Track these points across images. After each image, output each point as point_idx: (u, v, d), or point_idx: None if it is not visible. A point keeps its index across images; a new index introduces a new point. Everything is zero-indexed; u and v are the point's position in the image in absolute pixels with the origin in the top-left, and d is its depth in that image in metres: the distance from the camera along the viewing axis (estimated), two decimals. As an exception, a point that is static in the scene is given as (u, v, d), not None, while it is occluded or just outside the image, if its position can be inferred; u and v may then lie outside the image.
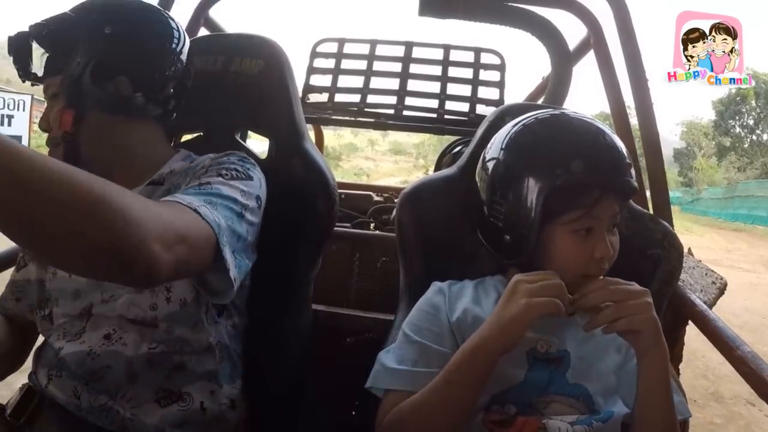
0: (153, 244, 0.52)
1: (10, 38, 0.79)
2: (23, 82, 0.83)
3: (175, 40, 0.85)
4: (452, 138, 1.98)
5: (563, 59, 1.53)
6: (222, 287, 0.69)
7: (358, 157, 48.96)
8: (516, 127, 0.78)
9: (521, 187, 0.72)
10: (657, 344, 0.66)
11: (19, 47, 0.79)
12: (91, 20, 0.78)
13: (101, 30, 0.78)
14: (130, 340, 0.76)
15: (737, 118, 30.24)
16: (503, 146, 0.77)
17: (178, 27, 0.87)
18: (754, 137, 30.23)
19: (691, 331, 0.98)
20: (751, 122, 30.20)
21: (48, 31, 0.78)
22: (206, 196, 0.67)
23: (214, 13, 1.52)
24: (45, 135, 0.81)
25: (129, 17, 0.81)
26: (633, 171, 0.72)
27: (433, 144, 36.58)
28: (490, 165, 0.78)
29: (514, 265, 0.78)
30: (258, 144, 1.03)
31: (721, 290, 1.33)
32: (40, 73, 0.81)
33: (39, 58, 0.81)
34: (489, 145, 0.82)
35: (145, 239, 0.51)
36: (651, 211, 1.17)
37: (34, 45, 0.80)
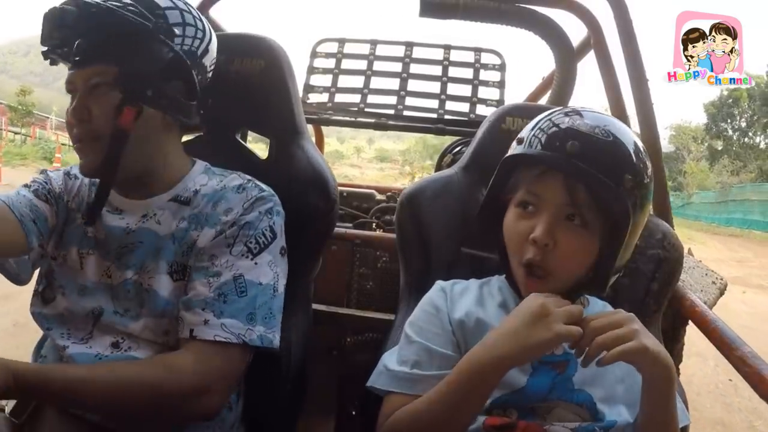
0: (219, 404, 0.73)
1: (54, 9, 0.70)
2: (53, 64, 0.76)
3: (216, 53, 0.86)
4: (450, 140, 1.98)
5: (567, 57, 1.52)
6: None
7: (343, 164, 48.55)
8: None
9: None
10: (658, 366, 0.62)
11: (65, 23, 0.70)
12: (158, 16, 0.75)
13: (172, 31, 0.76)
14: (138, 352, 0.76)
15: (729, 120, 29.85)
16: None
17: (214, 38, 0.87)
18: (747, 140, 29.87)
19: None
20: (743, 124, 29.73)
21: (99, 13, 0.70)
22: (246, 303, 0.74)
23: (215, 12, 1.52)
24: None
25: (198, 25, 0.81)
26: (610, 170, 0.64)
27: (419, 150, 36.51)
28: None
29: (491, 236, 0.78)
30: (258, 153, 1.03)
31: (722, 290, 1.33)
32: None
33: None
34: None
35: (215, 406, 0.72)
36: (651, 211, 1.16)
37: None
